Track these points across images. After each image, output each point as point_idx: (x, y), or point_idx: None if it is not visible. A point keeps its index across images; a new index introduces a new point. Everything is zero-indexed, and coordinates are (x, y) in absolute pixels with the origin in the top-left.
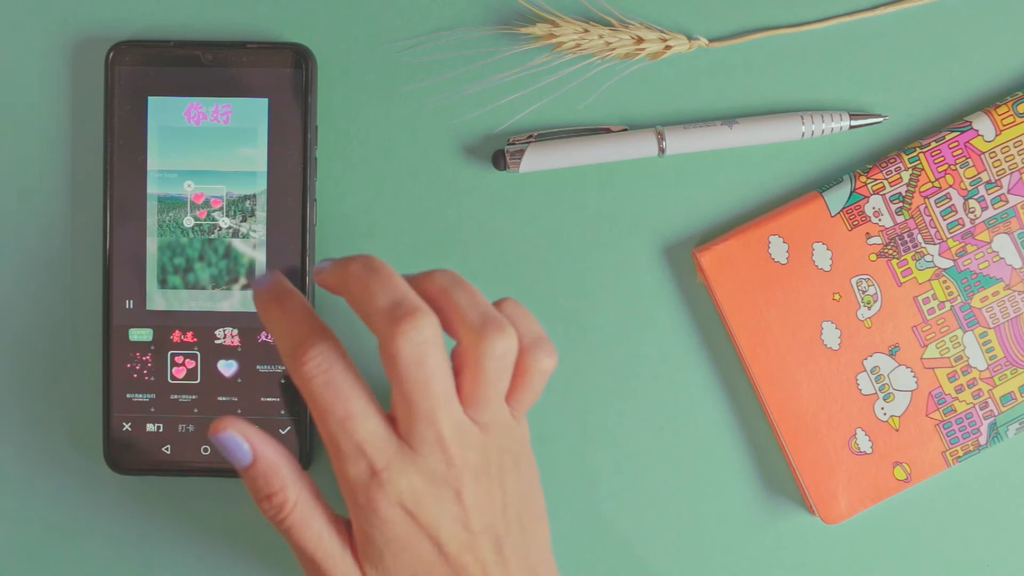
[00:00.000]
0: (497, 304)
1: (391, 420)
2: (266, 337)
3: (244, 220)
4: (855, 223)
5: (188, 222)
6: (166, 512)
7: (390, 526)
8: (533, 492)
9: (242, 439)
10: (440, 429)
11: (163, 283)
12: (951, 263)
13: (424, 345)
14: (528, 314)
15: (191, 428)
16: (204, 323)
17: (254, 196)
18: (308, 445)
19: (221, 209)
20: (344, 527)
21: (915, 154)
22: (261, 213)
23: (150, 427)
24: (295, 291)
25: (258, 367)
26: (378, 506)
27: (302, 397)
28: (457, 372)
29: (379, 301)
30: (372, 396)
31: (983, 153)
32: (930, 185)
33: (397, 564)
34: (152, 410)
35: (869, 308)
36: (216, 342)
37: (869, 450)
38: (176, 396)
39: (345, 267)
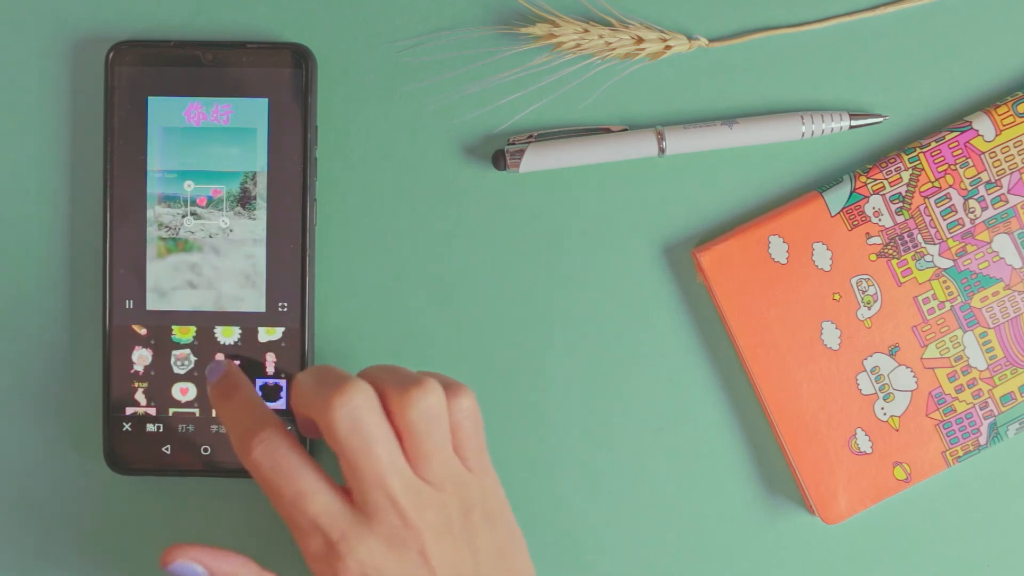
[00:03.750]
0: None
1: (346, 492)
2: (265, 336)
3: (244, 220)
4: (855, 223)
5: (188, 222)
6: (166, 512)
7: None
8: (512, 548)
9: (194, 563)
10: (391, 491)
11: (163, 282)
12: (951, 263)
13: (357, 411)
14: (434, 373)
15: (191, 428)
16: (204, 322)
17: (254, 196)
18: (307, 446)
19: (221, 209)
20: None
21: (915, 154)
22: (261, 213)
23: (150, 427)
24: (244, 383)
25: (257, 367)
26: None
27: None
28: (399, 438)
29: (312, 387)
30: (322, 473)
31: (983, 153)
32: (930, 185)
33: None
34: (152, 410)
35: (869, 308)
36: (216, 342)
37: (869, 450)
38: (176, 396)
39: (299, 382)
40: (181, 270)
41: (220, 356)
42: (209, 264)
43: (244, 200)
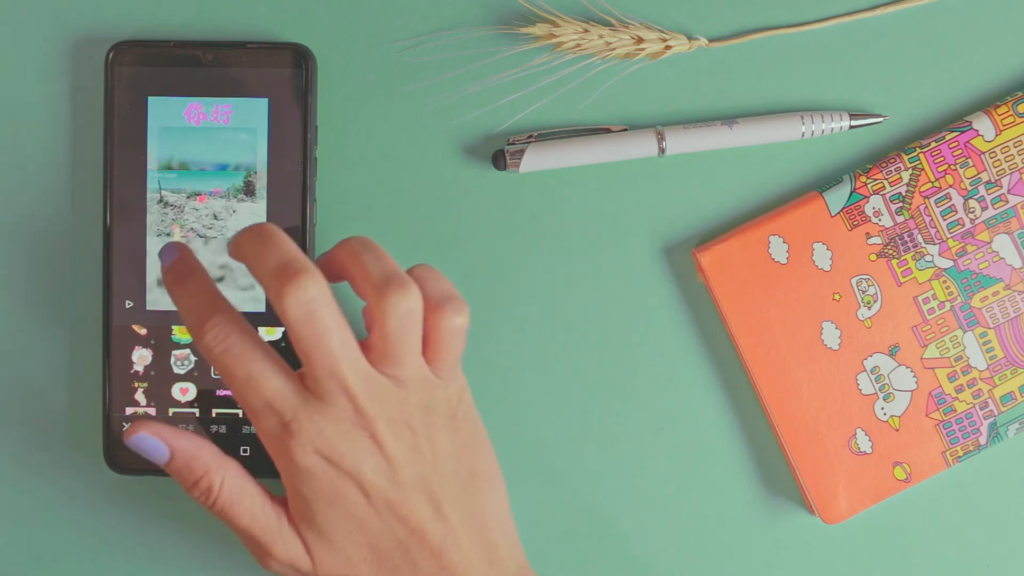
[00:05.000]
0: (409, 270)
1: (299, 377)
2: (265, 336)
3: (244, 220)
4: (855, 223)
5: (188, 222)
6: (166, 512)
7: (313, 476)
8: (476, 451)
9: (155, 438)
10: (343, 380)
11: (163, 283)
12: (951, 263)
13: (312, 303)
14: (438, 275)
15: (191, 428)
16: None
17: (254, 196)
18: None
19: (221, 209)
20: (279, 501)
21: (915, 154)
22: (261, 213)
23: None
24: (198, 268)
25: None
26: (295, 456)
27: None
28: (367, 331)
29: (268, 264)
30: (276, 357)
31: (983, 153)
32: (930, 185)
33: (330, 520)
34: (152, 410)
35: (869, 308)
36: None
37: (869, 450)
38: (176, 396)
39: (240, 237)
40: None
41: (176, 237)
42: (209, 264)
43: (244, 200)
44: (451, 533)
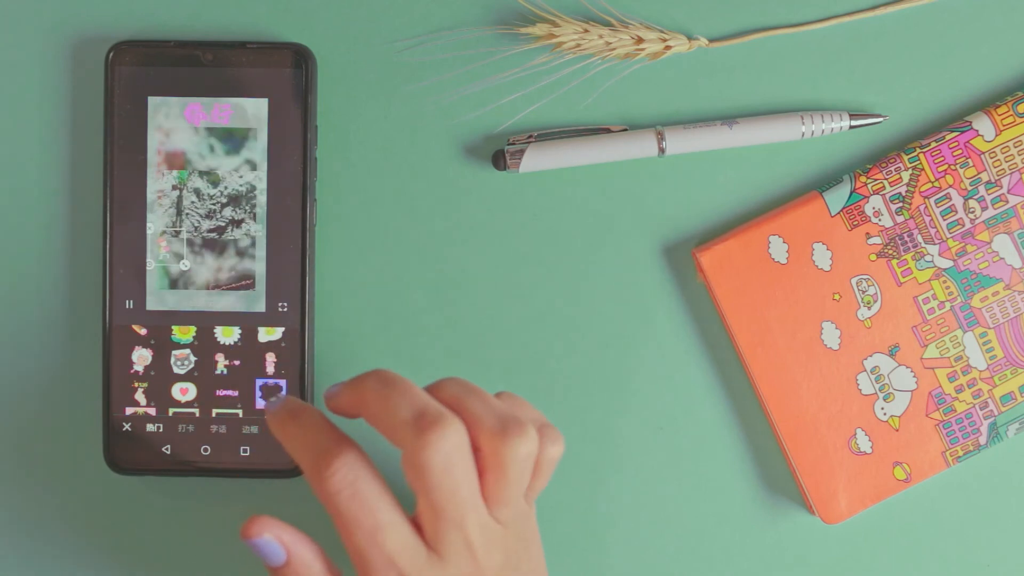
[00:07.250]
0: (496, 398)
1: (416, 525)
2: (265, 336)
3: (244, 220)
4: (855, 223)
5: (188, 222)
6: (166, 512)
7: None
8: (540, 567)
9: (277, 543)
10: (468, 534)
11: (163, 283)
12: (951, 263)
13: (453, 453)
14: (527, 404)
15: (191, 428)
16: (204, 322)
17: (254, 196)
18: None
19: (221, 209)
20: None
21: (915, 154)
22: (261, 213)
23: (150, 427)
24: (310, 406)
25: (257, 367)
26: None
27: (325, 508)
28: (480, 474)
29: (402, 413)
30: (398, 503)
31: (983, 153)
32: (930, 185)
33: None
34: (152, 410)
35: (869, 308)
36: (216, 341)
37: (869, 450)
38: (176, 396)
39: (360, 385)
40: (181, 269)
41: (282, 392)
42: (209, 264)
43: (244, 200)
44: None
